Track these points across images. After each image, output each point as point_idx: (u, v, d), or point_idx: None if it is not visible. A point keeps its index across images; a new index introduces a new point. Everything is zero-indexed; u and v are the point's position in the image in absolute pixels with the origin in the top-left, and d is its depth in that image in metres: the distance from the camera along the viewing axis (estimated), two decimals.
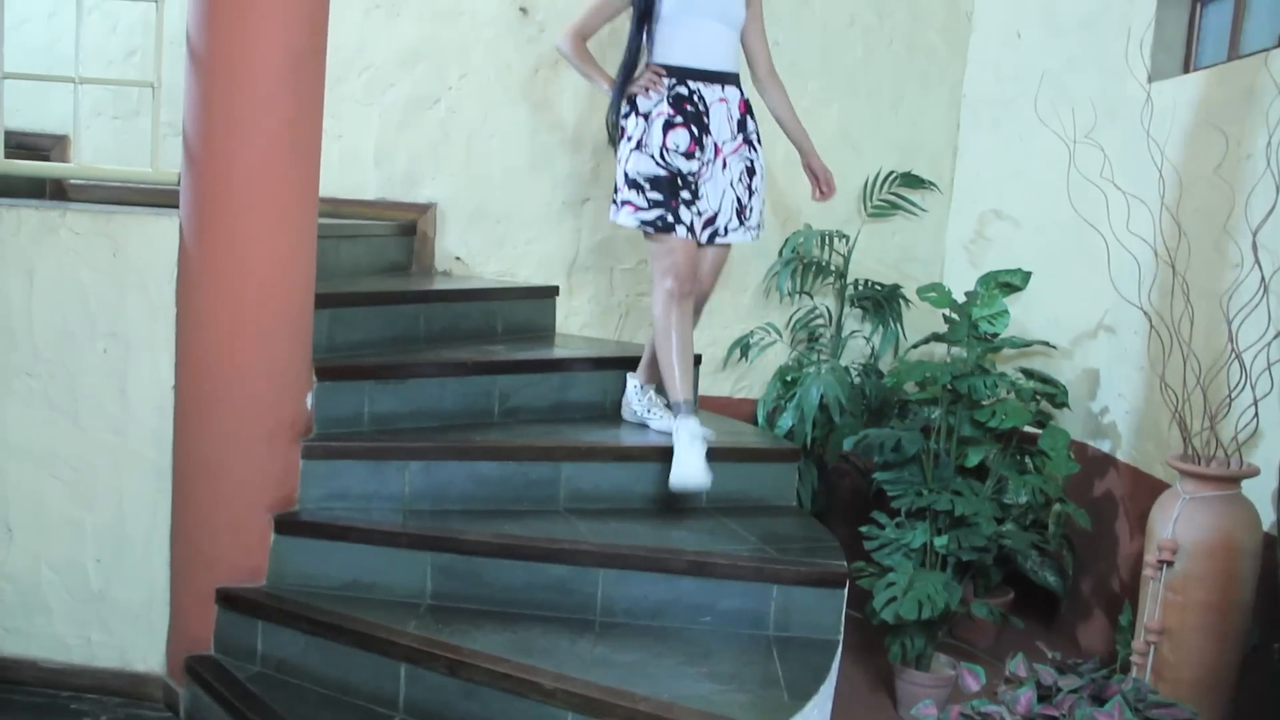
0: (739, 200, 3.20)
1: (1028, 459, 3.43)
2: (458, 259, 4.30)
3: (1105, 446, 3.51)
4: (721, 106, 3.16)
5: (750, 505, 3.23)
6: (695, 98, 3.13)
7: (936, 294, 3.39)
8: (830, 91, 4.27)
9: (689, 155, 3.11)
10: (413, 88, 4.25)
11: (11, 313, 2.88)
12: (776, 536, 2.98)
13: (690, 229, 3.11)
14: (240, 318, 2.78)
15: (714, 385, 4.26)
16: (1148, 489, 3.18)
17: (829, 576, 2.77)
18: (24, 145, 4.10)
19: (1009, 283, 3.43)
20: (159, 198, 2.93)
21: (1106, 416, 3.52)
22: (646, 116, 3.13)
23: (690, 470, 2.97)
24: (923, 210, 4.31)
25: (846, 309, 4.21)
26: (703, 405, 3.96)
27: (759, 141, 3.26)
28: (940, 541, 3.18)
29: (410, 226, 4.24)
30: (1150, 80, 3.34)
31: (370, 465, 2.99)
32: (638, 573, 2.80)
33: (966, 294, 3.44)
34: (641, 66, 3.19)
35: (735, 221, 3.21)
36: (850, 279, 4.17)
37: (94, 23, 4.27)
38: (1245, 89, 2.92)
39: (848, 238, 4.14)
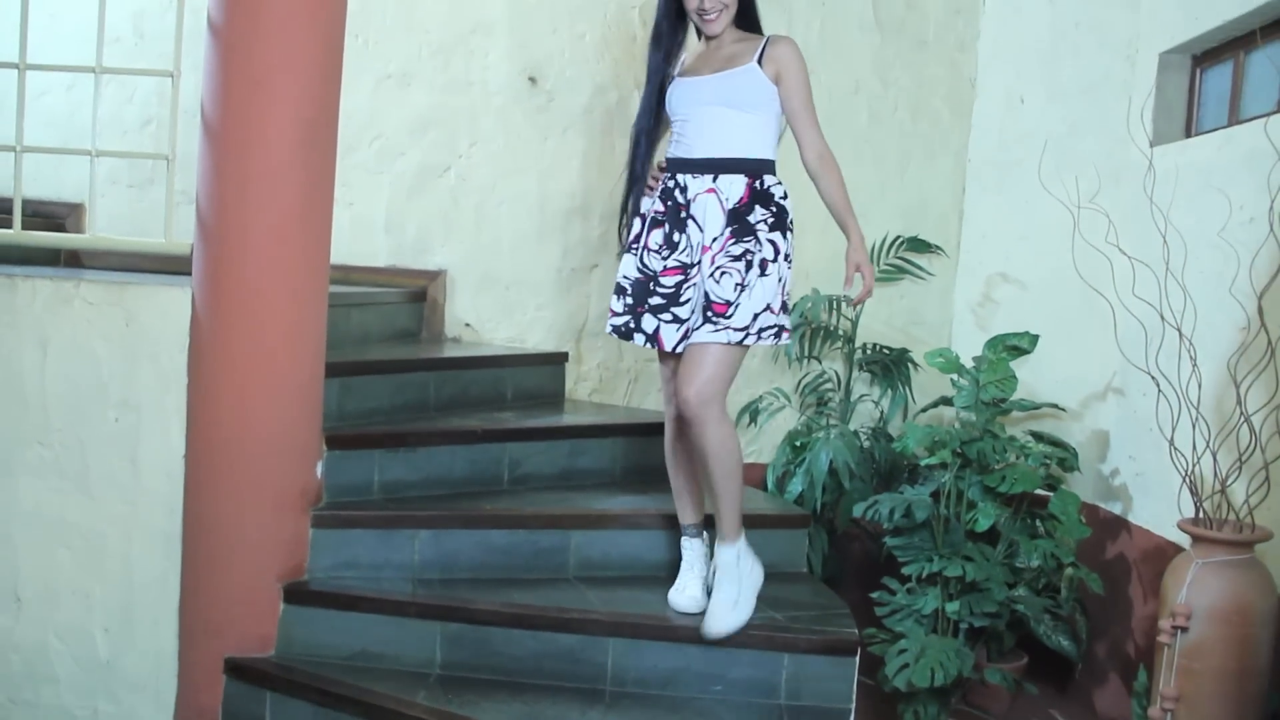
0: (709, 296, 2.73)
1: (1039, 522, 3.42)
2: (468, 325, 4.32)
3: (1117, 509, 3.50)
4: (709, 199, 2.78)
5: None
6: (678, 191, 2.82)
7: (944, 359, 3.40)
8: (836, 157, 4.29)
9: (659, 252, 2.83)
10: (423, 156, 4.31)
11: (25, 382, 2.90)
12: (787, 603, 2.96)
13: (652, 338, 2.82)
14: (251, 387, 2.79)
15: None
16: (1161, 552, 3.16)
17: (840, 645, 2.75)
18: (41, 213, 4.16)
19: (1017, 346, 3.45)
20: (174, 264, 2.96)
21: (1118, 478, 3.51)
22: (644, 216, 2.89)
23: (672, 596, 2.91)
24: (930, 274, 4.33)
25: (855, 373, 4.21)
26: None
27: (776, 231, 2.79)
28: (952, 607, 3.16)
29: (421, 293, 4.27)
30: (1152, 145, 3.37)
31: (380, 534, 2.99)
32: (648, 642, 2.79)
33: (974, 359, 3.45)
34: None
35: (700, 320, 2.75)
36: (858, 343, 4.18)
37: (111, 93, 4.34)
38: (1246, 153, 2.94)
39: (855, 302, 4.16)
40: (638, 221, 2.90)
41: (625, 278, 2.88)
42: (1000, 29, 4.25)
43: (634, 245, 2.88)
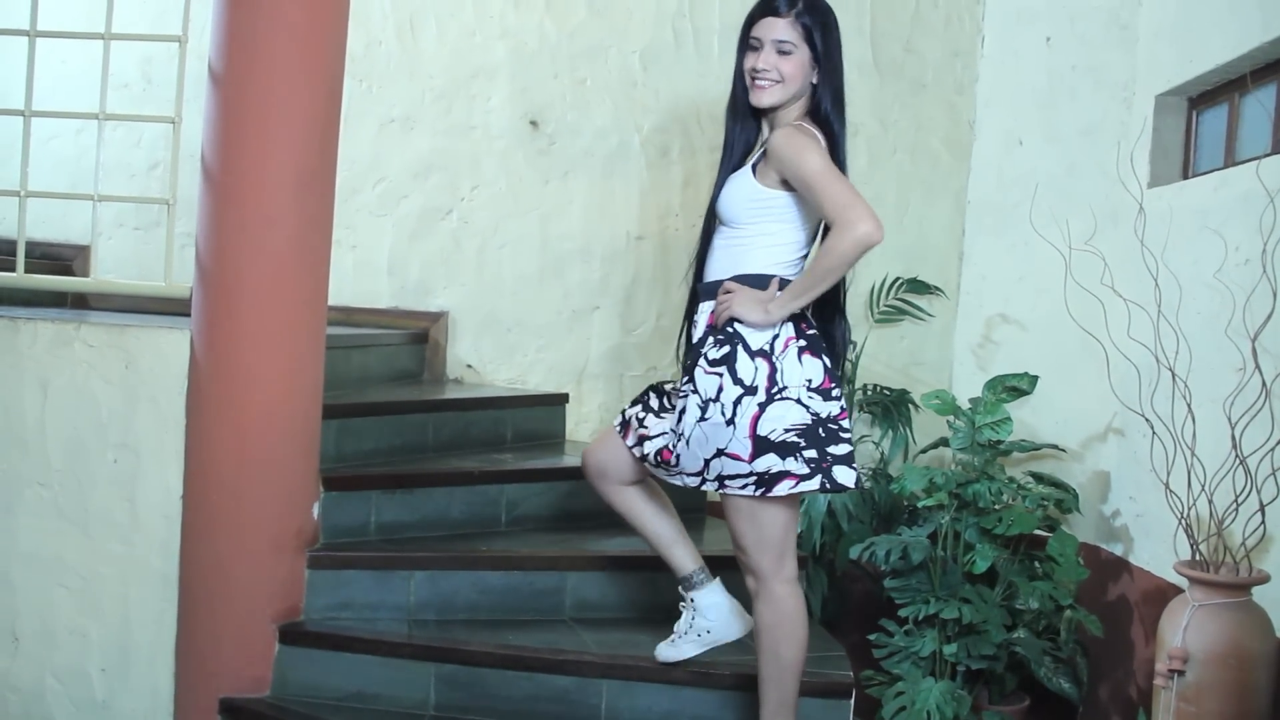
0: (680, 436, 2.47)
1: (1037, 564, 3.40)
2: (469, 366, 4.35)
3: (1118, 550, 3.48)
4: (697, 326, 2.54)
5: None
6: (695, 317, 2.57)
7: (940, 401, 3.41)
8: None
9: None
10: (425, 199, 4.35)
11: (26, 423, 2.93)
12: None
13: (626, 427, 2.65)
14: (248, 429, 2.81)
15: None
16: (1161, 594, 3.14)
17: (834, 687, 2.74)
18: (49, 255, 4.22)
19: (1016, 387, 3.45)
20: (178, 306, 2.99)
21: (1118, 519, 3.49)
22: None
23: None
24: (930, 315, 4.34)
25: (855, 414, 4.21)
26: (711, 512, 3.95)
27: (718, 369, 2.41)
28: (949, 649, 3.15)
29: (422, 335, 4.29)
30: (1149, 186, 3.39)
31: (376, 575, 3.00)
32: (642, 684, 2.78)
33: (971, 400, 3.45)
34: None
35: (657, 459, 2.56)
36: (859, 384, 4.18)
37: (118, 137, 4.41)
38: (1241, 195, 2.96)
39: (855, 343, 4.16)
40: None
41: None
42: (998, 71, 4.28)
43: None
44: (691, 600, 2.70)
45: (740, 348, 2.39)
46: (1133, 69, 3.58)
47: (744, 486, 2.39)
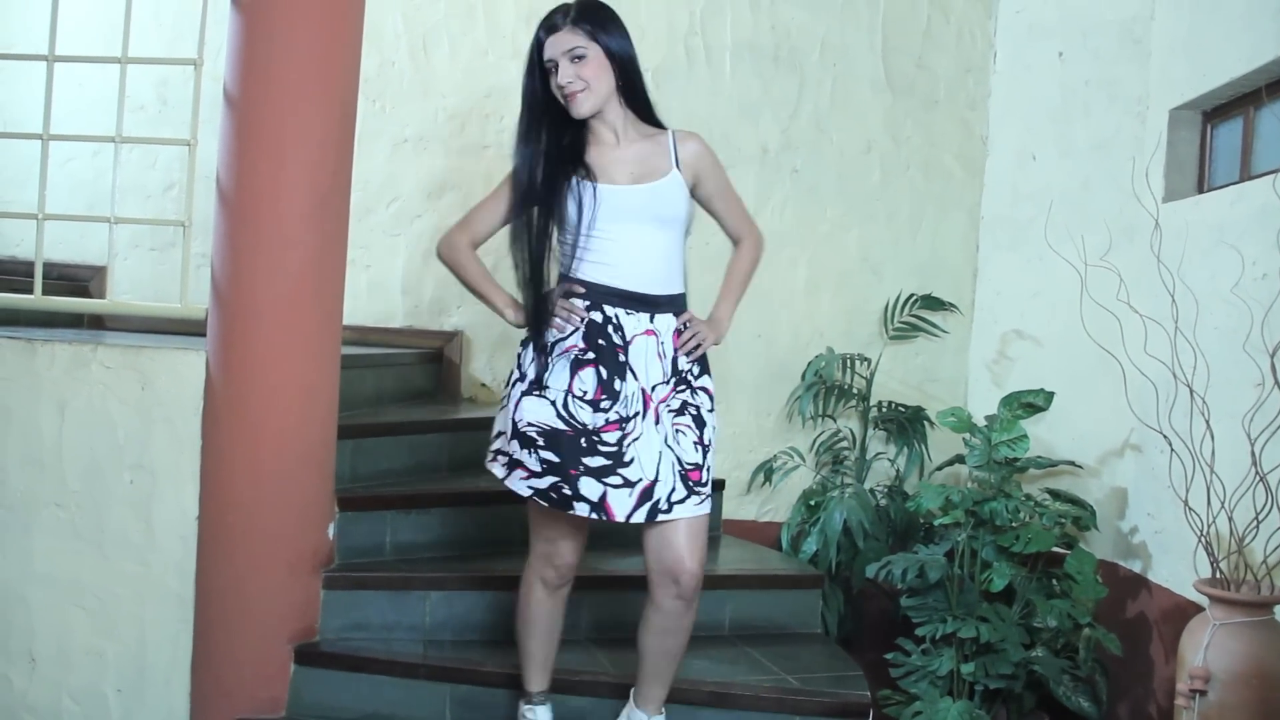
0: (681, 462, 2.42)
1: (1055, 582, 3.38)
2: (484, 385, 4.35)
3: (1136, 567, 3.46)
4: (649, 342, 2.43)
5: (774, 633, 3.21)
6: (611, 328, 2.42)
7: (955, 419, 3.39)
8: (849, 217, 4.34)
9: (594, 404, 2.40)
10: (439, 218, 4.36)
11: (43, 445, 2.94)
12: (799, 665, 2.94)
13: (599, 507, 2.38)
14: (263, 450, 2.82)
15: (739, 509, 4.24)
16: (1181, 611, 3.12)
17: (852, 707, 2.73)
18: (66, 276, 4.24)
19: (1032, 403, 3.43)
20: (194, 326, 3.00)
21: (1136, 536, 3.47)
22: (550, 348, 2.44)
23: None
24: (944, 331, 4.33)
25: (870, 431, 4.20)
26: (727, 530, 3.96)
27: (705, 375, 2.53)
28: (967, 669, 3.13)
29: (436, 354, 4.30)
30: (1164, 201, 3.38)
31: (391, 596, 3.00)
32: None
33: (987, 417, 3.44)
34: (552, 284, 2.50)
35: (683, 490, 2.40)
36: (873, 401, 4.18)
37: (135, 159, 4.44)
38: (1258, 209, 2.94)
39: (869, 360, 4.16)
40: (533, 356, 2.47)
41: (534, 425, 2.40)
42: (1011, 87, 4.28)
43: (540, 388, 2.43)
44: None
45: (707, 360, 2.56)
46: (1146, 83, 3.57)
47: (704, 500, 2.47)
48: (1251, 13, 3.06)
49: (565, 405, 2.40)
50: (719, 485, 3.90)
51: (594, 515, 2.39)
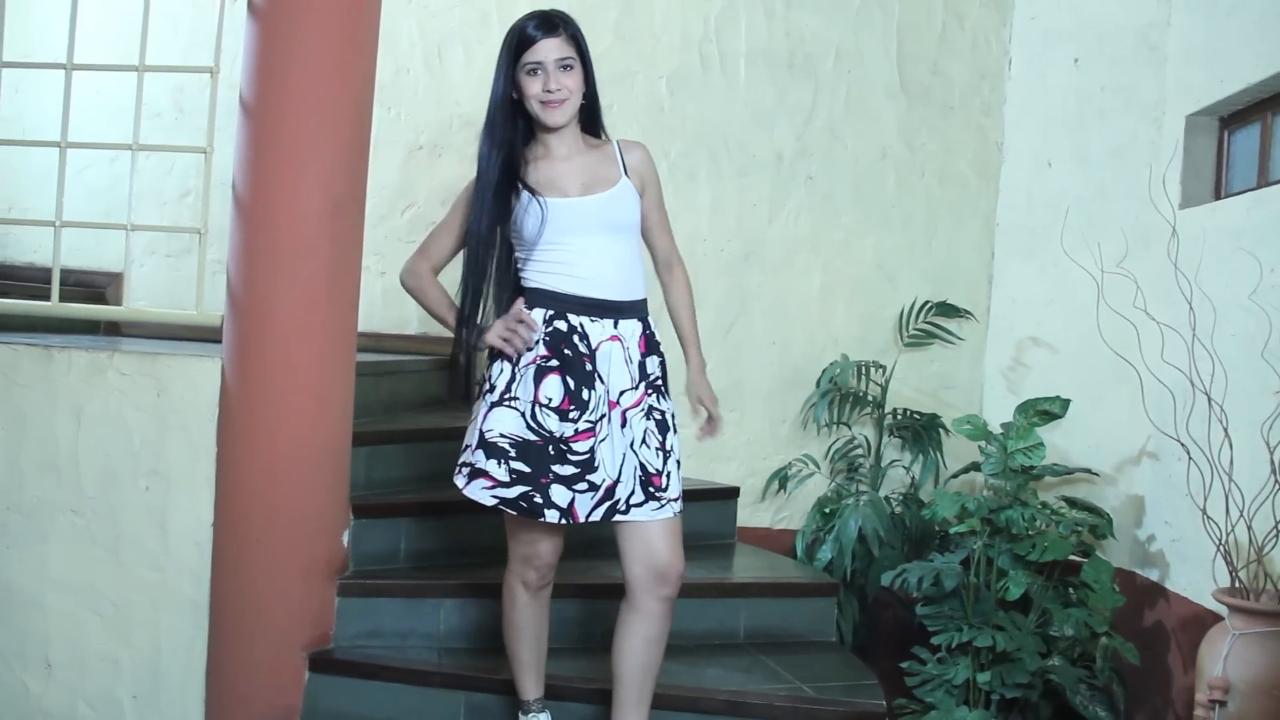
0: (644, 467, 2.44)
1: (1072, 590, 3.36)
2: None
3: (1154, 575, 3.44)
4: (614, 348, 2.45)
5: (788, 641, 3.19)
6: (576, 336, 2.43)
7: (971, 427, 3.38)
8: (864, 224, 4.33)
9: (562, 413, 2.41)
10: None
11: (59, 451, 2.95)
12: (814, 674, 2.93)
13: (567, 513, 2.41)
14: (278, 458, 2.82)
15: (754, 517, 4.23)
16: (1200, 620, 3.10)
17: (867, 717, 2.72)
18: (83, 282, 4.26)
19: (1048, 411, 3.42)
20: (210, 333, 3.01)
21: (1154, 544, 3.45)
22: (516, 359, 2.45)
23: None
24: (959, 338, 4.31)
25: (885, 438, 4.19)
26: (742, 537, 3.94)
27: (667, 388, 2.55)
28: (983, 678, 3.12)
29: (451, 360, 4.29)
30: (1181, 207, 3.36)
31: (405, 603, 3.00)
32: (672, 713, 2.75)
33: (1003, 425, 3.42)
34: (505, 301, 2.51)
35: (641, 494, 2.44)
36: (888, 408, 4.16)
37: (151, 166, 4.45)
38: (1275, 215, 2.93)
39: (884, 368, 4.15)
40: (502, 368, 2.47)
41: (505, 437, 2.40)
42: (1026, 93, 4.27)
43: (508, 398, 2.43)
44: None
45: (667, 367, 2.56)
46: (1162, 89, 3.56)
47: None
48: (1268, 18, 3.05)
49: (533, 415, 2.41)
50: (733, 493, 3.88)
51: (562, 520, 2.41)
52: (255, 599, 2.85)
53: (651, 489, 2.44)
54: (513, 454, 2.40)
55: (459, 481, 2.49)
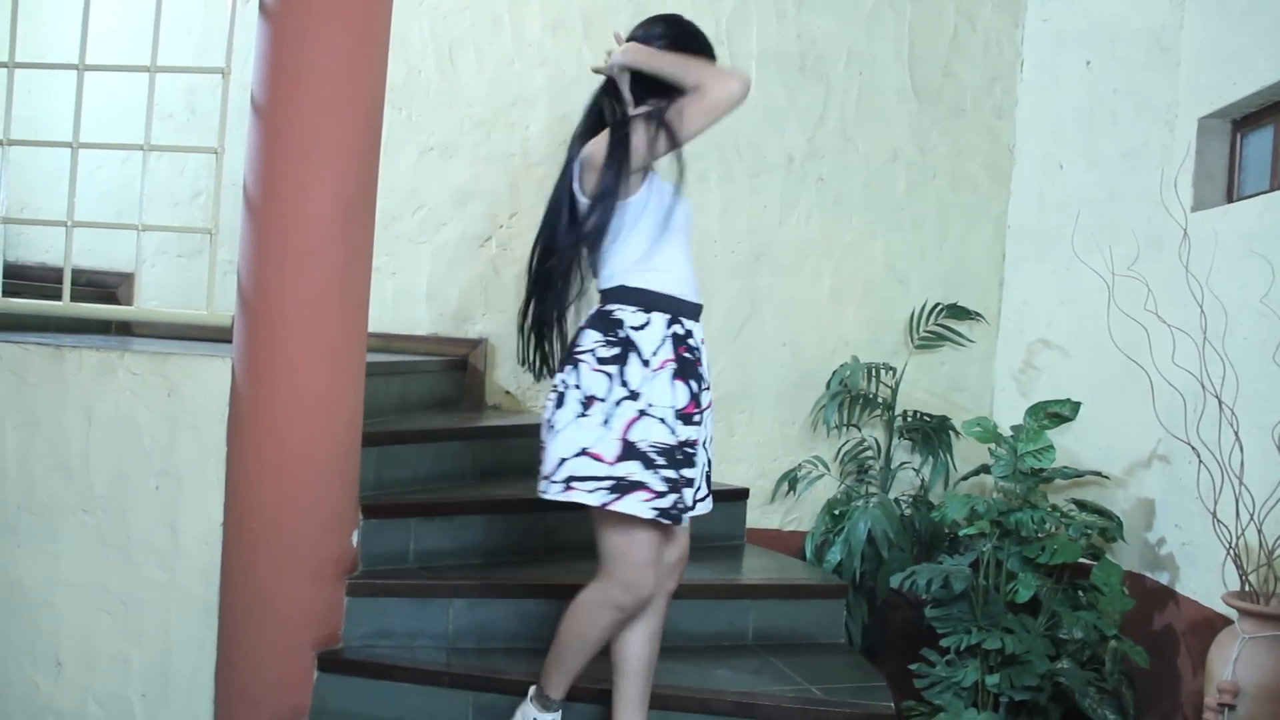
0: (710, 463, 2.56)
1: (1081, 593, 3.35)
2: (508, 393, 4.36)
3: (1164, 578, 3.43)
4: (705, 350, 2.50)
5: (797, 642, 3.19)
6: (691, 340, 2.44)
7: (981, 429, 3.37)
8: (875, 225, 4.32)
9: (686, 417, 2.39)
10: (465, 226, 4.38)
11: (70, 451, 2.96)
12: (823, 676, 2.92)
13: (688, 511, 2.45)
14: (288, 458, 2.82)
15: (763, 518, 4.23)
16: (1209, 624, 3.09)
17: (875, 719, 2.71)
18: (94, 282, 4.28)
19: (1058, 413, 3.41)
20: (221, 333, 3.01)
21: (1164, 548, 3.44)
22: (646, 362, 2.37)
23: None
24: (970, 341, 4.31)
25: (895, 440, 4.18)
26: (751, 539, 3.94)
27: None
28: (992, 680, 3.11)
29: (461, 361, 4.31)
30: (1193, 210, 3.35)
31: (414, 603, 3.00)
32: (681, 714, 2.76)
33: (1013, 427, 3.41)
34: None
35: (705, 489, 2.53)
36: (898, 410, 4.16)
37: (163, 166, 4.47)
38: None
39: (895, 370, 4.15)
40: (641, 366, 2.37)
41: (654, 446, 2.34)
42: (1038, 95, 4.26)
43: (647, 405, 2.35)
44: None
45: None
46: (1174, 92, 3.55)
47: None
48: None
49: (671, 420, 2.36)
50: (743, 494, 3.88)
51: (685, 522, 2.47)
52: (264, 599, 2.85)
53: (708, 484, 2.54)
54: (662, 462, 2.34)
55: (596, 498, 2.34)
